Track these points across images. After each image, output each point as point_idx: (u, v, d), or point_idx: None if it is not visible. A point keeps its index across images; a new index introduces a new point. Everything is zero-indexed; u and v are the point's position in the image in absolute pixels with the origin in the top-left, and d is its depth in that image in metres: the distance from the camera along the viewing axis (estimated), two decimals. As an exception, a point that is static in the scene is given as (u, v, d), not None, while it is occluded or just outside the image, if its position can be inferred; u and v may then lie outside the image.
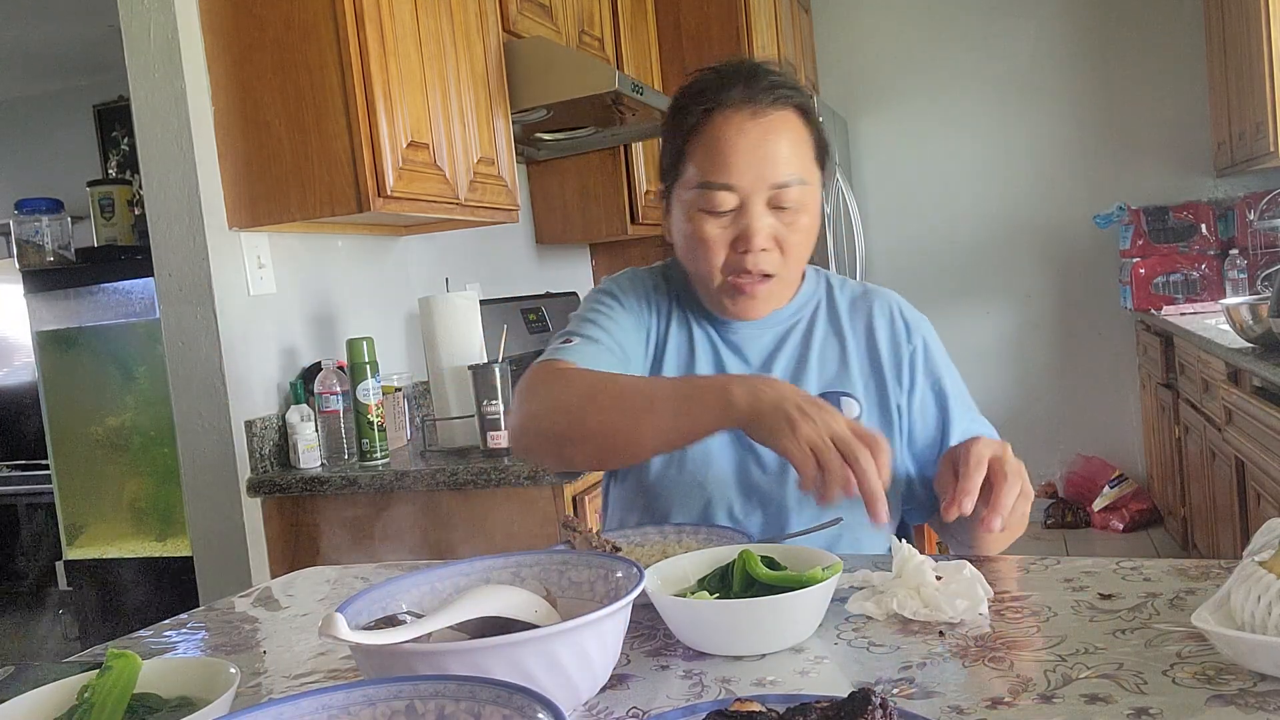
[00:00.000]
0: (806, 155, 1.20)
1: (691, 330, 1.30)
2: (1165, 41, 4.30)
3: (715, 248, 1.19)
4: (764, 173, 1.16)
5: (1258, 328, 2.57)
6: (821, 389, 1.26)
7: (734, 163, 1.16)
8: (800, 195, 1.18)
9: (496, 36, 2.45)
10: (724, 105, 1.18)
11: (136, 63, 2.04)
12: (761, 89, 1.18)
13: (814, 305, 1.32)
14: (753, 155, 1.16)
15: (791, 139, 1.18)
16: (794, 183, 1.17)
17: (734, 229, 1.18)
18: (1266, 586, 0.73)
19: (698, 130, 1.19)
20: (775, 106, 1.17)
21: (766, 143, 1.16)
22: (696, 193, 1.19)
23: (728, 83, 1.19)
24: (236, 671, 0.80)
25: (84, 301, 3.19)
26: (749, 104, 1.17)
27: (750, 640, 0.87)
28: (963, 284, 4.63)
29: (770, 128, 1.17)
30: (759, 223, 1.17)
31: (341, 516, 2.04)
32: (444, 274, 2.80)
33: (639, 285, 1.33)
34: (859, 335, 1.30)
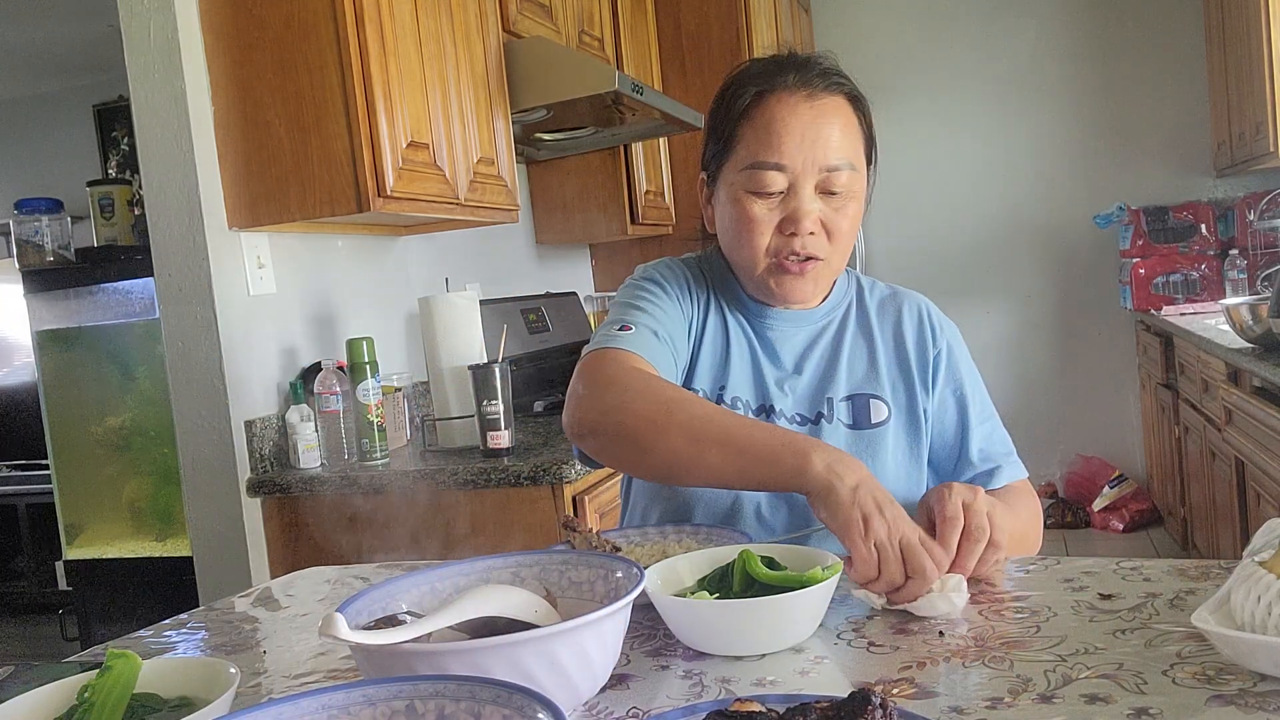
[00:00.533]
0: (857, 142, 1.21)
1: (728, 323, 1.29)
2: (1165, 41, 4.30)
3: (762, 228, 1.19)
4: (815, 154, 1.16)
5: (1258, 328, 2.57)
6: (851, 390, 1.26)
7: (786, 143, 1.16)
8: (850, 181, 1.18)
9: (496, 36, 2.45)
10: (778, 88, 1.18)
11: (136, 63, 2.04)
12: (815, 74, 1.19)
13: (845, 306, 1.32)
14: (805, 136, 1.16)
15: (844, 124, 1.19)
16: (844, 167, 1.17)
17: (781, 210, 1.18)
18: (1266, 586, 0.73)
19: (749, 112, 1.19)
20: (829, 91, 1.19)
21: (819, 124, 1.17)
22: (746, 174, 1.18)
23: (782, 68, 1.20)
24: (236, 671, 0.80)
25: (84, 301, 3.19)
26: (804, 87, 1.18)
27: (750, 640, 0.87)
28: (963, 284, 4.63)
29: (823, 110, 1.17)
30: (808, 205, 1.17)
31: (341, 516, 2.04)
32: (444, 274, 2.80)
33: (679, 275, 1.31)
34: (887, 337, 1.30)
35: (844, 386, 1.26)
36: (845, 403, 1.25)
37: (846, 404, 1.25)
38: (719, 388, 1.26)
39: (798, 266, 1.20)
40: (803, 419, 1.24)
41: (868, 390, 1.26)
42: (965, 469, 1.27)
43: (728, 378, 1.26)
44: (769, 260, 1.21)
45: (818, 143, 1.16)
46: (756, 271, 1.22)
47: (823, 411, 1.24)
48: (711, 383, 1.27)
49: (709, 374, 1.27)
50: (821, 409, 1.24)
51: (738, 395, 1.25)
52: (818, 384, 1.26)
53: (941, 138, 4.61)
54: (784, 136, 1.16)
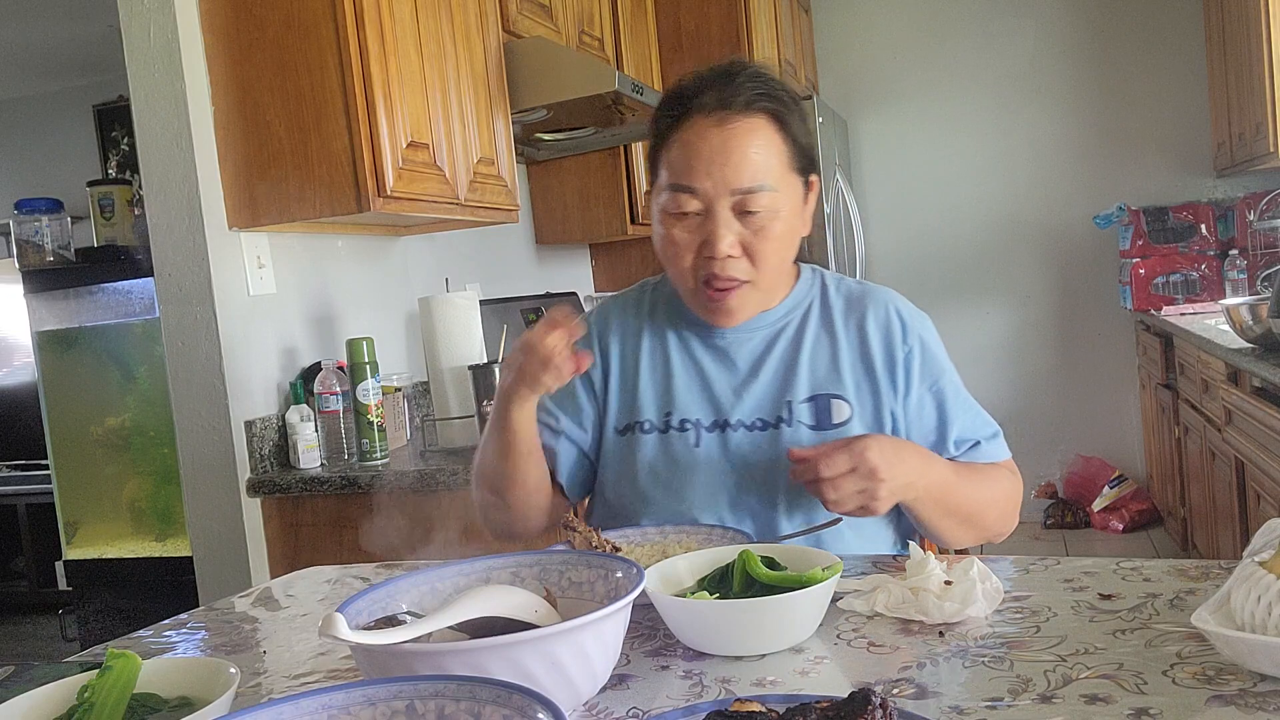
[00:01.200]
0: (777, 162, 1.19)
1: (668, 345, 1.31)
2: (1165, 41, 4.30)
3: (683, 251, 1.20)
4: (726, 178, 1.16)
5: (1257, 328, 2.57)
6: (811, 391, 1.25)
7: (696, 167, 1.17)
8: (771, 201, 1.18)
9: (496, 36, 2.45)
10: (694, 110, 1.18)
11: (136, 63, 2.04)
12: (734, 94, 1.18)
13: (806, 305, 1.31)
14: (715, 160, 1.16)
15: (760, 144, 1.17)
16: (758, 189, 1.16)
17: (700, 234, 1.19)
18: (1266, 587, 0.73)
19: (669, 135, 1.21)
20: (746, 113, 1.17)
21: (729, 149, 1.16)
22: (666, 196, 1.20)
23: (703, 88, 1.20)
24: (236, 671, 0.80)
25: (84, 301, 3.19)
26: (719, 108, 1.17)
27: (750, 640, 0.87)
28: (963, 284, 4.63)
29: (735, 134, 1.16)
30: (723, 229, 1.17)
31: (341, 516, 2.04)
32: (444, 274, 2.80)
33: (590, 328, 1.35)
34: (852, 336, 1.28)
35: (804, 388, 1.25)
36: (806, 404, 1.25)
37: (808, 405, 1.25)
38: (664, 414, 1.28)
39: (721, 297, 1.21)
40: (763, 424, 1.24)
41: (829, 390, 1.25)
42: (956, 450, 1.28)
43: (673, 402, 1.28)
44: (695, 283, 1.22)
45: (727, 166, 1.16)
46: (688, 289, 1.25)
47: (782, 415, 1.24)
48: (657, 411, 1.29)
49: (653, 404, 1.29)
50: (781, 413, 1.24)
51: (686, 417, 1.27)
52: (776, 387, 1.26)
53: (941, 138, 4.61)
54: (693, 161, 1.17)
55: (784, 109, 1.20)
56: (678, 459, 1.25)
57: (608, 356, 1.34)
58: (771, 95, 1.19)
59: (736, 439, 1.24)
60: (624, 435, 1.30)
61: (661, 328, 1.32)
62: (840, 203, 4.14)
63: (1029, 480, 4.48)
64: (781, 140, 1.20)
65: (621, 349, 1.33)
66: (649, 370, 1.30)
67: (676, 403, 1.28)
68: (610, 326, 1.35)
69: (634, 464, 1.28)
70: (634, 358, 1.32)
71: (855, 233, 4.23)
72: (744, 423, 1.25)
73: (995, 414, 1.31)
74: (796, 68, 4.20)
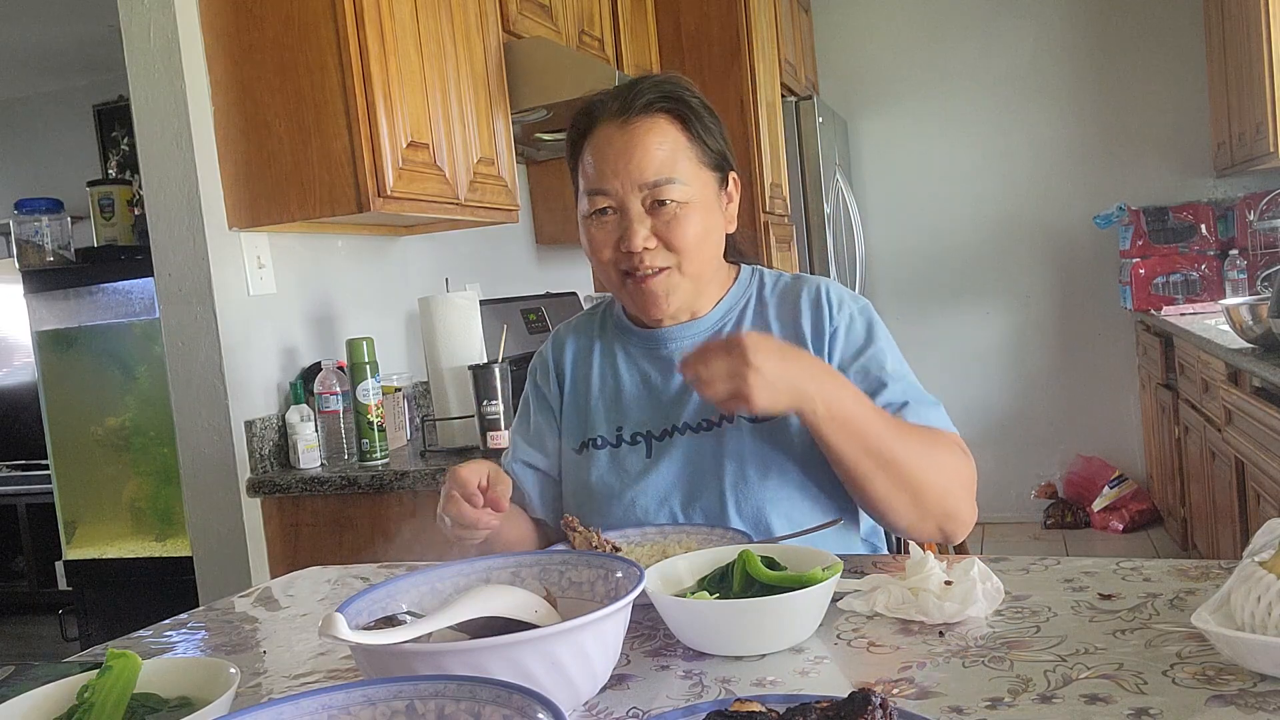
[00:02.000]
0: (683, 157, 1.23)
1: (617, 362, 1.36)
2: (1165, 41, 4.30)
3: (602, 247, 1.25)
4: (631, 174, 1.21)
5: (1258, 328, 2.57)
6: None
7: (603, 168, 1.23)
8: (680, 194, 1.22)
9: (496, 37, 2.45)
10: (599, 119, 1.25)
11: (136, 63, 2.04)
12: (635, 98, 1.24)
13: (743, 304, 1.34)
14: (620, 160, 1.22)
15: (661, 140, 1.22)
16: (664, 182, 1.21)
17: (616, 230, 1.24)
18: (1266, 587, 0.73)
19: (580, 146, 1.27)
20: (645, 114, 1.23)
21: (631, 147, 1.22)
22: (584, 200, 1.26)
23: (607, 99, 1.26)
24: (236, 671, 0.80)
25: (84, 301, 3.19)
26: (621, 114, 1.23)
27: (750, 640, 0.87)
28: (963, 284, 4.63)
29: (636, 133, 1.22)
30: (635, 224, 1.22)
31: (341, 517, 2.04)
32: (444, 274, 2.80)
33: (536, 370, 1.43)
34: (786, 326, 1.30)
35: None
36: None
37: None
38: (616, 429, 1.32)
39: (646, 281, 1.25)
40: (707, 424, 1.27)
41: None
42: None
43: (624, 417, 1.32)
44: (619, 277, 1.27)
45: (631, 163, 1.21)
46: (614, 289, 1.30)
47: (723, 414, 1.26)
48: (609, 427, 1.33)
49: (604, 420, 1.33)
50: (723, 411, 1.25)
51: (637, 431, 1.31)
52: None
53: (941, 138, 4.61)
54: (600, 163, 1.23)
55: (685, 109, 1.25)
56: (629, 470, 1.29)
57: (562, 381, 1.39)
58: (672, 97, 1.25)
59: (684, 442, 1.28)
60: (580, 453, 1.34)
61: (611, 345, 1.38)
62: (840, 203, 4.14)
63: (1029, 480, 4.55)
64: (685, 137, 1.25)
65: (574, 371, 1.39)
66: (600, 388, 1.35)
67: (627, 416, 1.32)
68: (565, 351, 1.41)
69: (587, 479, 1.32)
70: (586, 378, 1.37)
71: (855, 233, 4.23)
72: (690, 425, 1.28)
73: (995, 414, 1.31)
74: (796, 68, 4.20)
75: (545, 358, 1.43)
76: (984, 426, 4.48)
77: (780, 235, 3.68)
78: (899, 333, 1.41)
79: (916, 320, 4.62)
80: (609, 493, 1.29)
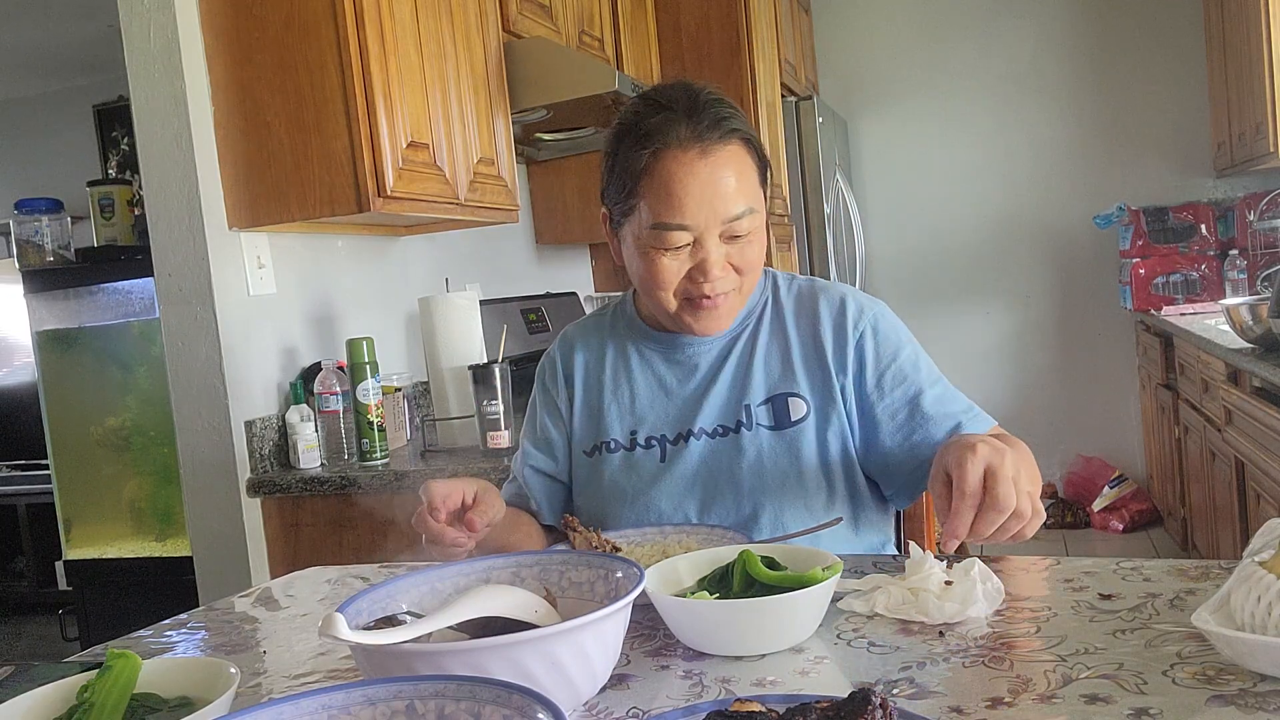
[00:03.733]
0: (754, 182, 1.21)
1: (631, 365, 1.34)
2: (1165, 41, 4.30)
3: (671, 278, 1.21)
4: (716, 209, 1.16)
5: (1257, 328, 2.57)
6: (768, 393, 1.27)
7: (687, 204, 1.16)
8: (751, 222, 1.19)
9: (496, 37, 2.45)
10: (671, 145, 1.17)
11: (136, 63, 2.04)
12: (707, 125, 1.17)
13: (760, 309, 1.33)
14: (704, 194, 1.16)
15: (739, 171, 1.18)
16: (745, 214, 1.18)
17: (690, 261, 1.20)
18: (1266, 587, 0.73)
19: (648, 170, 1.18)
20: (722, 141, 1.17)
21: (716, 180, 1.16)
22: (652, 233, 1.19)
23: (672, 120, 1.17)
24: (236, 671, 0.80)
25: (84, 301, 3.19)
26: (697, 142, 1.16)
27: (750, 640, 0.87)
28: (963, 284, 4.63)
29: (719, 164, 1.17)
30: (715, 255, 1.18)
31: (341, 517, 2.04)
32: (444, 274, 2.80)
33: (544, 374, 1.41)
34: (804, 332, 1.30)
35: (760, 390, 1.27)
36: (764, 406, 1.27)
37: (766, 407, 1.26)
38: (630, 433, 1.31)
39: (711, 305, 1.22)
40: (724, 430, 1.27)
41: (785, 389, 1.27)
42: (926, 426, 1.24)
43: (639, 420, 1.31)
44: (679, 301, 1.23)
45: (717, 198, 1.16)
46: (670, 312, 1.25)
47: (741, 419, 1.26)
48: (623, 430, 1.32)
49: (619, 423, 1.32)
50: (740, 416, 1.27)
51: (652, 435, 1.30)
52: (734, 392, 1.28)
53: (941, 138, 4.61)
54: (684, 198, 1.16)
55: (749, 130, 1.22)
56: (642, 474, 1.29)
57: (572, 384, 1.37)
58: (738, 117, 1.20)
59: (699, 447, 1.27)
60: (591, 456, 1.33)
61: (624, 347, 1.36)
62: (840, 203, 4.14)
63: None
64: (752, 161, 1.21)
65: (585, 374, 1.37)
66: (613, 391, 1.34)
67: (642, 420, 1.31)
68: (574, 353, 1.39)
69: (600, 483, 1.31)
70: (598, 381, 1.35)
71: (855, 233, 4.23)
72: (706, 431, 1.27)
73: (995, 414, 1.30)
74: (796, 68, 4.20)
75: (554, 360, 1.41)
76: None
77: (780, 235, 3.68)
78: (899, 333, 1.41)
79: (917, 320, 4.57)
80: (622, 497, 1.29)
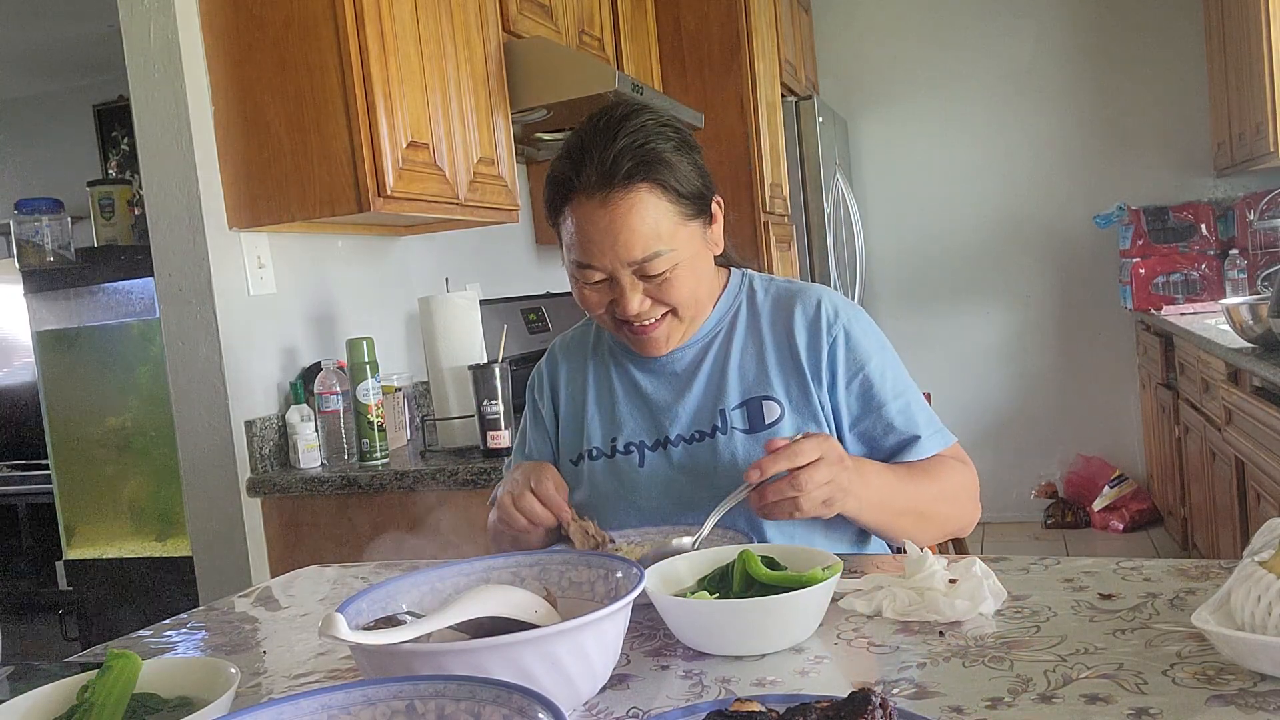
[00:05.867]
0: (667, 223, 1.18)
1: (611, 373, 1.36)
2: (1165, 42, 4.30)
3: (597, 307, 1.24)
4: (619, 254, 1.18)
5: (1258, 328, 2.57)
6: (742, 396, 1.27)
7: (590, 248, 1.19)
8: (667, 261, 1.19)
9: (496, 36, 2.45)
10: (578, 190, 1.19)
11: (136, 63, 2.04)
12: (610, 171, 1.16)
13: (734, 311, 1.33)
14: (605, 240, 1.17)
15: (644, 215, 1.17)
16: (652, 257, 1.18)
17: (610, 294, 1.22)
18: (1266, 587, 0.73)
19: (561, 211, 1.23)
20: (625, 188, 1.16)
21: (615, 228, 1.17)
22: (572, 265, 1.23)
23: (582, 164, 1.18)
24: (236, 671, 0.80)
25: (84, 301, 3.19)
26: (600, 190, 1.17)
27: (750, 640, 0.87)
28: (963, 284, 4.63)
29: (618, 213, 1.16)
30: (629, 294, 1.20)
31: (341, 517, 2.04)
32: (444, 274, 2.80)
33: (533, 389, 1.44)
34: (779, 335, 1.30)
35: (735, 394, 1.28)
36: (739, 410, 1.27)
37: (740, 411, 1.27)
38: (610, 440, 1.33)
39: (642, 330, 1.24)
40: (700, 435, 1.28)
41: (759, 392, 1.27)
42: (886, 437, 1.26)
43: (619, 429, 1.33)
44: (616, 326, 1.26)
45: (618, 244, 1.17)
46: (610, 330, 1.29)
47: (716, 424, 1.27)
48: (603, 439, 1.34)
49: (600, 431, 1.34)
50: (715, 421, 1.27)
51: (630, 441, 1.31)
52: (710, 397, 1.29)
53: (941, 138, 4.61)
54: (587, 244, 1.19)
55: (663, 168, 1.18)
56: (622, 480, 1.30)
57: (557, 397, 1.40)
58: (648, 160, 1.17)
59: (677, 453, 1.28)
60: (577, 465, 1.35)
61: (605, 358, 1.38)
62: (840, 203, 4.14)
63: (1029, 480, 4.54)
64: (666, 202, 1.18)
65: (570, 387, 1.39)
66: (595, 401, 1.36)
67: (622, 428, 1.32)
68: (559, 368, 1.42)
69: (584, 489, 1.33)
70: (581, 392, 1.37)
71: (855, 233, 4.22)
72: (683, 436, 1.29)
73: (995, 414, 1.31)
74: (796, 68, 4.20)
75: (541, 374, 1.44)
76: (984, 426, 4.48)
77: (780, 235, 3.68)
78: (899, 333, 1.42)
79: (917, 320, 4.62)
80: (604, 503, 1.30)
